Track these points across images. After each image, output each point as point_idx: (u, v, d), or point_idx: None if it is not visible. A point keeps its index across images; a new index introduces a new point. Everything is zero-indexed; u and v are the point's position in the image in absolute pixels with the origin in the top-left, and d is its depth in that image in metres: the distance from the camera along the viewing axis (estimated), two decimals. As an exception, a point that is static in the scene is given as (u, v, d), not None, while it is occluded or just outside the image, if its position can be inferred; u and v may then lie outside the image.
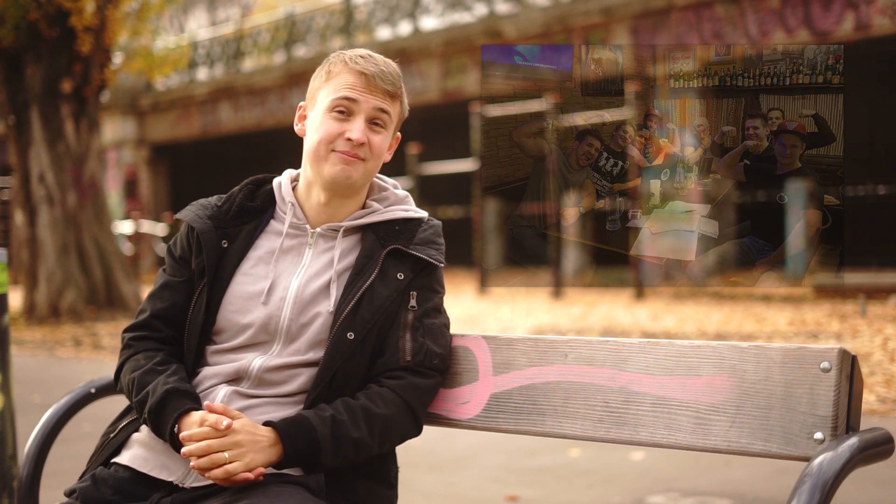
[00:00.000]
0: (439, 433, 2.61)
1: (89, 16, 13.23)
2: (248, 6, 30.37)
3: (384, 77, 2.10)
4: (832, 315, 10.28)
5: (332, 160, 2.10)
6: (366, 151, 2.10)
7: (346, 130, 2.09)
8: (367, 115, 2.10)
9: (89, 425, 5.25)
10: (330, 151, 2.10)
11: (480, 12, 18.98)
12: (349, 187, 2.13)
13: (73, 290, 13.22)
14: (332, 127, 2.10)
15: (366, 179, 2.15)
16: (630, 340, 2.01)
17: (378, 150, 2.12)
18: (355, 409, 2.01)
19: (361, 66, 2.10)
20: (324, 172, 2.11)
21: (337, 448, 1.96)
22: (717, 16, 15.49)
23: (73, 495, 2.04)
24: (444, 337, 2.16)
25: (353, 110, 2.09)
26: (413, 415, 2.08)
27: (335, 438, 1.96)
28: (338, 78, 2.11)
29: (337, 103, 2.09)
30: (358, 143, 2.08)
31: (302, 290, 2.10)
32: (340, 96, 2.09)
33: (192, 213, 2.20)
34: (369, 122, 2.10)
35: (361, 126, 2.09)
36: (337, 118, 2.10)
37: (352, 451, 1.99)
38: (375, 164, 2.14)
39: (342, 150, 2.09)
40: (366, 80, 2.09)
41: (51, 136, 13.42)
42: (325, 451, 1.95)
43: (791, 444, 1.80)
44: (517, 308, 12.83)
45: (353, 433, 1.98)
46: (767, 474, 4.62)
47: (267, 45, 23.26)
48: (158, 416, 2.00)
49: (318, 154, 2.11)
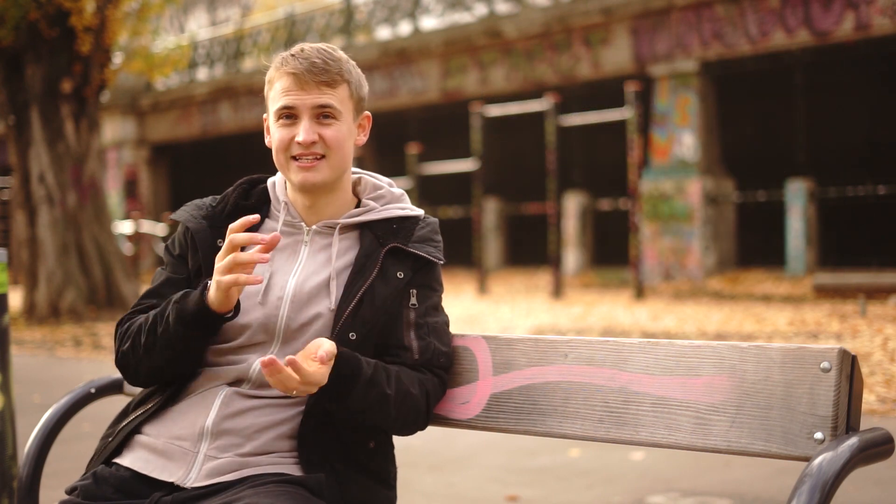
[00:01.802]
0: (439, 433, 2.62)
1: (89, 16, 13.24)
2: (248, 6, 30.37)
3: (314, 70, 2.08)
4: (832, 315, 10.29)
5: (293, 169, 2.11)
6: (322, 147, 2.10)
7: (295, 134, 2.10)
8: (310, 114, 2.09)
9: (89, 425, 5.25)
10: (289, 159, 2.11)
11: (480, 12, 18.97)
12: (322, 188, 2.13)
13: (73, 290, 13.23)
14: (282, 134, 2.11)
15: (337, 174, 2.14)
16: (630, 340, 2.01)
17: (334, 141, 2.10)
18: (390, 371, 2.04)
19: (291, 67, 2.09)
20: (292, 180, 2.13)
21: (367, 391, 1.98)
22: (717, 16, 15.48)
23: (75, 493, 2.04)
24: (447, 335, 2.17)
25: (295, 115, 2.10)
26: (427, 406, 2.09)
27: (371, 383, 1.99)
28: (276, 85, 2.12)
29: (280, 113, 2.11)
30: (308, 144, 2.08)
31: (300, 289, 2.09)
32: (280, 106, 2.10)
33: (187, 213, 2.20)
34: (316, 118, 2.10)
35: (307, 126, 2.08)
36: (285, 125, 2.11)
37: (376, 403, 2.00)
38: (339, 155, 2.12)
39: (298, 156, 2.10)
40: (296, 80, 2.08)
41: (51, 136, 13.43)
42: (359, 387, 1.97)
43: (791, 444, 1.80)
44: (517, 308, 12.83)
45: (384, 388, 2.01)
46: (767, 474, 4.62)
47: (267, 45, 23.26)
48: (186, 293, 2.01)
49: (280, 164, 2.14)
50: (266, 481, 1.95)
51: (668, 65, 16.14)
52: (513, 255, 19.88)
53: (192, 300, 1.99)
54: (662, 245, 16.09)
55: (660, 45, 16.19)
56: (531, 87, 17.78)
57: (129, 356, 2.10)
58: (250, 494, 1.90)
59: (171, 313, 2.01)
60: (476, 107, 15.80)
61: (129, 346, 2.09)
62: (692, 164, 16.02)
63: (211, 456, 2.01)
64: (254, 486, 1.94)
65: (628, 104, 13.76)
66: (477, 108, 15.73)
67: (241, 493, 1.92)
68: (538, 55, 17.77)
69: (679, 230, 15.95)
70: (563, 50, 17.45)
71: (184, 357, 2.06)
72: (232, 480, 1.98)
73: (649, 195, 16.06)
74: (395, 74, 19.61)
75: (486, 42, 18.45)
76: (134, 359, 2.09)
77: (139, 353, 2.07)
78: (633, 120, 13.69)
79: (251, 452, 2.01)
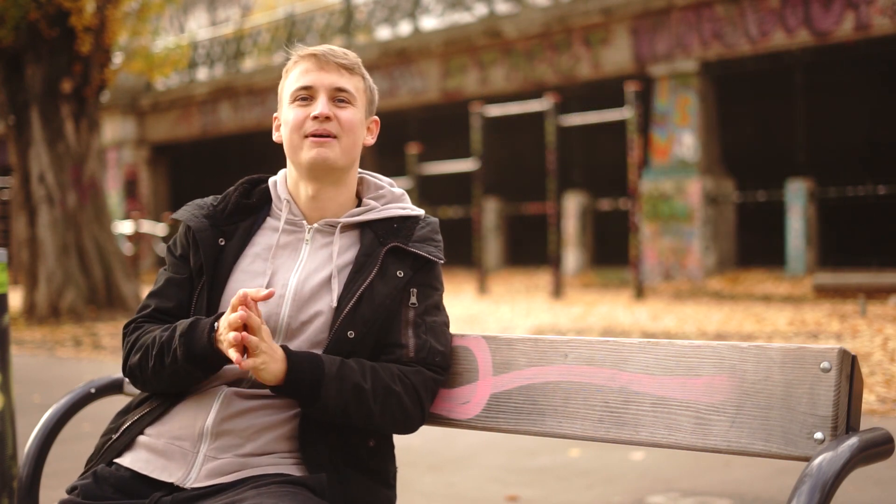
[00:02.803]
0: (439, 433, 2.62)
1: (89, 16, 13.23)
2: (248, 6, 30.37)
3: (335, 53, 2.14)
4: (832, 315, 10.28)
5: (305, 146, 2.12)
6: (335, 126, 2.11)
7: (310, 112, 2.12)
8: (328, 94, 2.12)
9: (89, 425, 5.25)
10: (303, 138, 2.12)
11: (480, 12, 18.97)
12: (330, 170, 2.13)
13: (73, 290, 13.23)
14: (297, 114, 2.13)
15: (346, 160, 2.14)
16: (630, 340, 2.01)
17: (348, 124, 2.12)
18: (365, 364, 2.04)
19: (311, 51, 2.15)
20: (302, 161, 2.13)
21: (340, 386, 1.98)
22: (717, 16, 15.48)
23: (75, 492, 2.05)
24: (445, 335, 2.16)
25: (312, 94, 2.13)
26: (418, 397, 2.07)
27: (340, 378, 1.98)
28: (293, 71, 2.16)
29: (296, 94, 2.13)
30: (323, 118, 2.10)
31: (301, 287, 2.10)
32: (298, 86, 2.13)
33: (188, 212, 2.20)
34: (332, 100, 2.13)
35: (324, 102, 2.11)
36: (300, 105, 2.13)
37: (353, 397, 1.99)
38: (350, 140, 2.13)
39: (311, 132, 2.11)
40: (316, 61, 2.13)
41: (51, 136, 13.43)
42: (329, 384, 1.97)
43: (791, 444, 1.80)
44: (517, 308, 12.83)
45: (358, 380, 2.00)
46: (767, 474, 4.62)
47: (267, 45, 23.27)
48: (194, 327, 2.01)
49: (293, 144, 2.14)
50: (268, 482, 1.95)
51: (668, 65, 16.14)
52: (513, 255, 19.88)
53: (201, 340, 1.99)
54: (662, 245, 16.09)
55: (660, 45, 16.19)
56: (531, 87, 17.78)
57: (137, 371, 2.12)
58: (253, 495, 1.90)
59: (179, 348, 2.01)
60: (476, 107, 15.80)
61: (137, 364, 2.11)
62: (692, 164, 16.02)
63: (211, 456, 2.01)
64: (256, 486, 1.94)
65: (628, 104, 13.76)
66: (477, 108, 15.72)
67: (244, 494, 1.92)
68: (538, 55, 17.77)
69: (679, 230, 15.95)
70: (563, 50, 17.45)
71: (192, 382, 2.08)
72: (232, 481, 1.98)
73: (649, 195, 16.06)
74: (395, 74, 19.61)
75: (486, 42, 18.45)
76: (142, 375, 2.11)
77: (147, 374, 2.09)
78: (633, 120, 13.68)
79: (251, 453, 2.02)
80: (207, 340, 1.98)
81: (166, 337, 2.05)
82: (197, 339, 1.99)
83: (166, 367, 2.04)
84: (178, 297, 2.15)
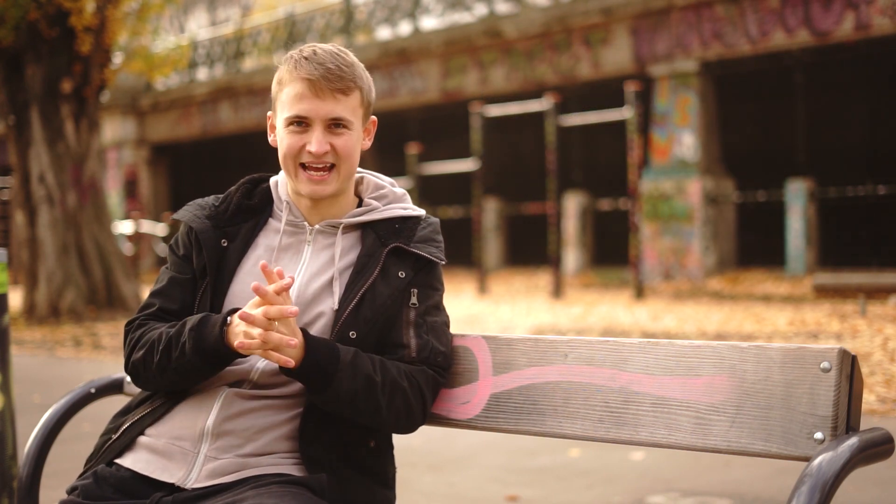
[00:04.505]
0: (439, 433, 2.62)
1: (89, 16, 13.23)
2: (248, 6, 30.37)
3: (330, 76, 2.07)
4: (832, 315, 10.28)
5: (301, 179, 2.10)
6: (333, 157, 2.09)
7: (307, 143, 2.08)
8: (323, 124, 2.09)
9: (89, 425, 5.25)
10: (298, 166, 2.10)
11: (480, 12, 18.97)
12: (329, 197, 2.13)
13: (73, 290, 13.23)
14: (292, 141, 2.09)
15: (345, 182, 2.15)
16: (630, 340, 2.01)
17: (346, 150, 2.10)
18: (375, 358, 2.04)
19: (306, 72, 2.07)
20: (299, 189, 2.13)
21: (353, 374, 1.97)
22: (717, 16, 15.48)
23: (75, 492, 2.04)
24: (446, 335, 2.16)
25: (308, 123, 2.09)
26: (422, 396, 2.07)
27: (353, 366, 1.98)
28: (288, 88, 2.10)
29: (291, 120, 2.09)
30: (320, 154, 2.07)
31: (304, 289, 2.10)
32: (292, 114, 2.08)
33: (190, 213, 2.20)
34: (327, 128, 2.09)
35: (320, 137, 2.08)
36: (295, 132, 2.09)
37: (363, 387, 1.99)
38: (348, 164, 2.12)
39: (308, 166, 2.09)
40: (312, 87, 2.06)
41: (51, 136, 13.43)
42: (343, 371, 1.96)
43: (791, 444, 1.80)
44: (517, 308, 12.83)
45: (370, 371, 2.00)
46: (767, 474, 4.63)
47: (267, 45, 23.27)
48: (205, 321, 2.00)
49: (288, 170, 2.13)
50: (268, 482, 1.95)
51: (668, 65, 16.14)
52: (513, 255, 19.88)
53: (212, 335, 1.98)
54: (662, 245, 16.09)
55: (660, 45, 16.19)
56: (531, 87, 17.78)
57: (140, 367, 2.10)
58: (253, 495, 1.90)
59: (188, 342, 2.00)
60: (476, 107, 15.80)
61: (141, 360, 2.08)
62: (692, 164, 16.02)
63: (211, 457, 2.01)
64: (256, 486, 1.94)
65: (628, 104, 13.75)
66: (477, 108, 15.72)
67: (244, 494, 1.92)
68: (538, 55, 17.77)
69: (679, 230, 15.95)
70: (563, 50, 17.45)
71: (195, 380, 2.06)
72: (233, 481, 1.98)
73: (649, 195, 16.06)
74: (395, 74, 19.60)
75: (486, 42, 18.45)
76: (145, 372, 2.09)
77: (151, 370, 2.07)
78: (633, 120, 13.68)
79: (251, 453, 2.02)
80: (219, 334, 1.97)
81: (174, 332, 2.04)
82: (208, 333, 1.99)
83: (172, 361, 2.02)
84: (182, 298, 2.15)
